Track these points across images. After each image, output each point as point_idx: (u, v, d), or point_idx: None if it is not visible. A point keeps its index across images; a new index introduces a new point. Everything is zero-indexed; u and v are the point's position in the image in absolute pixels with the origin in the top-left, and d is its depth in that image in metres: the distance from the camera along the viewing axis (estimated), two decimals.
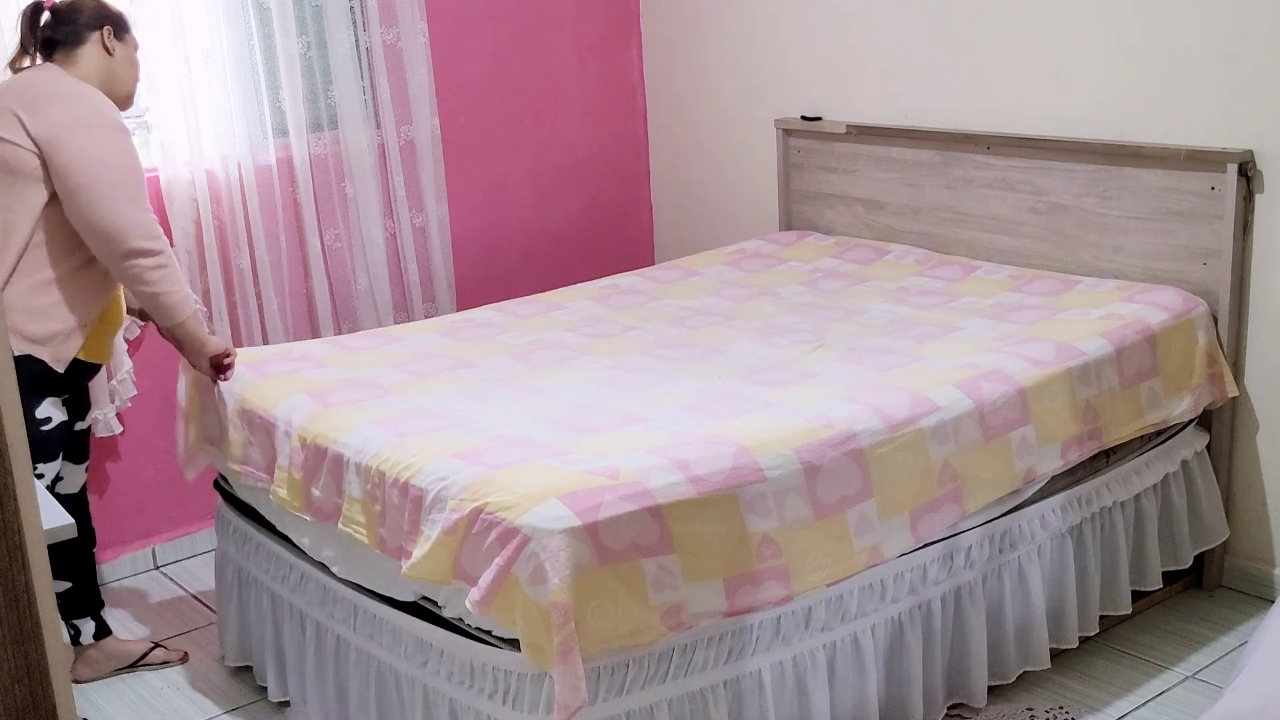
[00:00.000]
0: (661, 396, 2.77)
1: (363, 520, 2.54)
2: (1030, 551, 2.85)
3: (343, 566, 2.68)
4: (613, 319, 3.41)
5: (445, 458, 2.43)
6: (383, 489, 2.48)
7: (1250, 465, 3.30)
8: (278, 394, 2.88)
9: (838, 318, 3.30)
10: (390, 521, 2.46)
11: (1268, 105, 3.09)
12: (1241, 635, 3.13)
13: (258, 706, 3.07)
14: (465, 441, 2.51)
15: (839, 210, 4.11)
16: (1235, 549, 3.35)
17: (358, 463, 2.55)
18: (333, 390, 2.87)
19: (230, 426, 2.94)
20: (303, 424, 2.74)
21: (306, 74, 3.86)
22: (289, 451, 2.75)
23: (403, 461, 2.46)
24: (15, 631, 1.14)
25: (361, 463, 2.54)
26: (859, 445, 2.53)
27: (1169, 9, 3.22)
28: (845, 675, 2.58)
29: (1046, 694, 2.92)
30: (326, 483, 2.64)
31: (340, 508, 2.60)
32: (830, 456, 2.49)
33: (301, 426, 2.73)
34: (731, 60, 4.40)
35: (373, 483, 2.50)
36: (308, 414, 2.76)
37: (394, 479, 2.44)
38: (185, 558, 3.87)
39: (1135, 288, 3.26)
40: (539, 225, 4.54)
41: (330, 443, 2.64)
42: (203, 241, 3.70)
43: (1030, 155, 3.56)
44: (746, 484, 2.38)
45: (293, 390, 2.89)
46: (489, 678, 2.33)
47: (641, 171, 4.80)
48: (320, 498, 2.66)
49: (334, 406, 2.77)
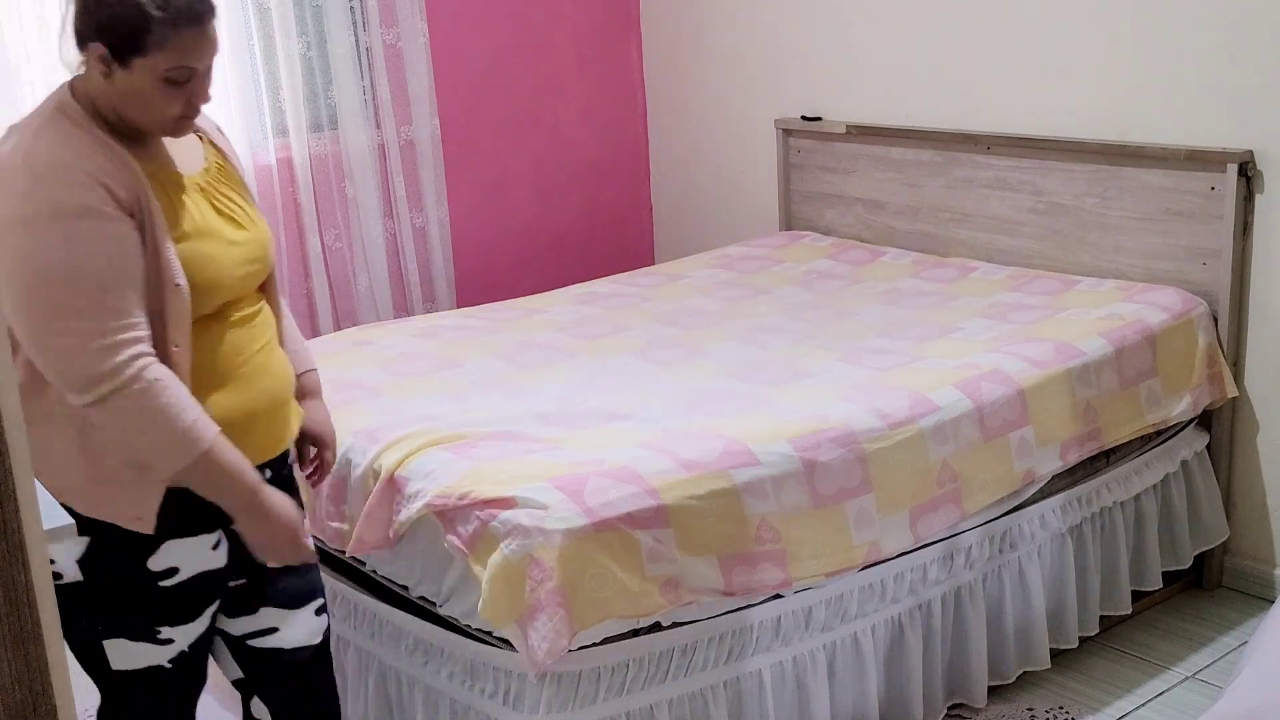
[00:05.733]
0: (652, 395, 2.77)
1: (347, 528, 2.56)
2: (1030, 552, 2.85)
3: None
4: (605, 320, 3.40)
5: (434, 450, 2.45)
6: (369, 491, 2.49)
7: (1250, 465, 3.30)
8: None
9: (833, 318, 3.30)
10: (374, 516, 2.46)
11: (1268, 105, 3.09)
12: (1241, 635, 3.12)
13: None
14: (453, 437, 2.52)
15: (839, 210, 4.11)
16: (1235, 549, 3.35)
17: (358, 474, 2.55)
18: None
19: None
20: None
21: (306, 74, 3.86)
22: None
23: (391, 458, 2.47)
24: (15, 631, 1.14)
25: (360, 471, 2.54)
26: (857, 441, 2.54)
27: (1169, 9, 3.22)
28: (845, 675, 2.58)
29: (1046, 694, 2.91)
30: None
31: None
32: (827, 450, 2.50)
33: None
34: (731, 60, 4.40)
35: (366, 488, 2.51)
36: None
37: (383, 474, 2.46)
38: None
39: (1135, 288, 3.26)
40: (539, 225, 4.54)
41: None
42: None
43: (1030, 155, 3.56)
44: (740, 466, 2.39)
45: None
46: (489, 678, 2.33)
47: (641, 171, 4.80)
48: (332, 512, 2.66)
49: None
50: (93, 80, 1.82)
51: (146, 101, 1.82)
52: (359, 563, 2.67)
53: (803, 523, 2.45)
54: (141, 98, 1.82)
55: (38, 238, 1.75)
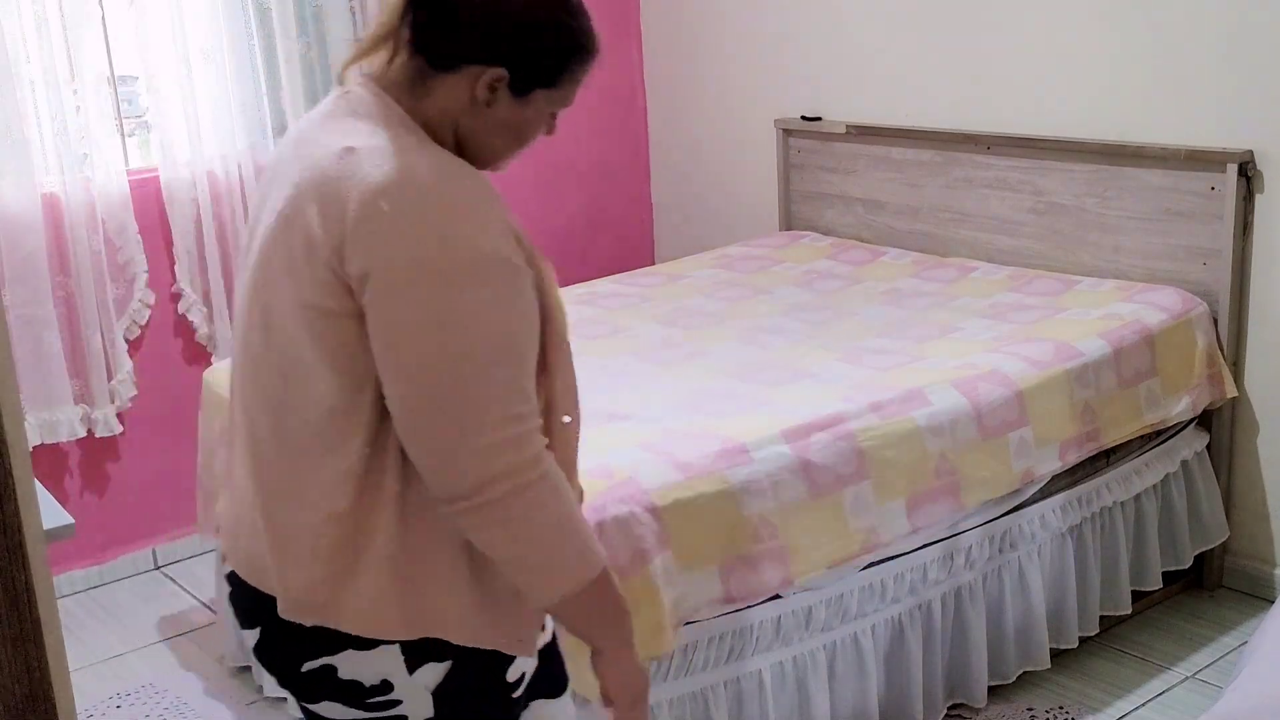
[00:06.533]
0: (652, 395, 2.77)
1: None
2: (1030, 551, 2.85)
3: None
4: (604, 320, 3.40)
5: None
6: None
7: (1250, 465, 3.30)
8: None
9: (833, 318, 3.30)
10: None
11: (1268, 105, 3.09)
12: (1241, 635, 3.12)
13: (258, 707, 3.06)
14: None
15: (839, 210, 4.11)
16: (1235, 549, 3.35)
17: None
18: None
19: None
20: None
21: (306, 74, 3.86)
22: None
23: None
24: (15, 631, 1.14)
25: None
26: (850, 429, 2.55)
27: (1169, 9, 3.22)
28: (845, 675, 2.58)
29: (1046, 694, 2.91)
30: None
31: None
32: (820, 440, 2.50)
33: None
34: (731, 60, 4.40)
35: None
36: None
37: None
38: (186, 558, 3.86)
39: (1135, 288, 3.26)
40: (539, 225, 4.54)
41: None
42: (203, 241, 3.70)
43: (1030, 155, 3.56)
44: (736, 466, 2.40)
45: None
46: None
47: (641, 171, 4.80)
48: None
49: None
50: (444, 101, 1.52)
51: (520, 135, 1.58)
52: None
53: (800, 515, 2.45)
54: (517, 131, 1.58)
55: (459, 293, 1.40)
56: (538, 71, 1.53)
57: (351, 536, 1.48)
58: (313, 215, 1.44)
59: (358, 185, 1.41)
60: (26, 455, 1.16)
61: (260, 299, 1.55)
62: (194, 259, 3.70)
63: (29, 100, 3.37)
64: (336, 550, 1.48)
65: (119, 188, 3.55)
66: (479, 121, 1.54)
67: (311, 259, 1.43)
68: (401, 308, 1.39)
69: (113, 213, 3.55)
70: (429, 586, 1.49)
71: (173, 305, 3.72)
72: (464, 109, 1.53)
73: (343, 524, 1.47)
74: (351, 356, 1.44)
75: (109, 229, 3.55)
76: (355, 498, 1.47)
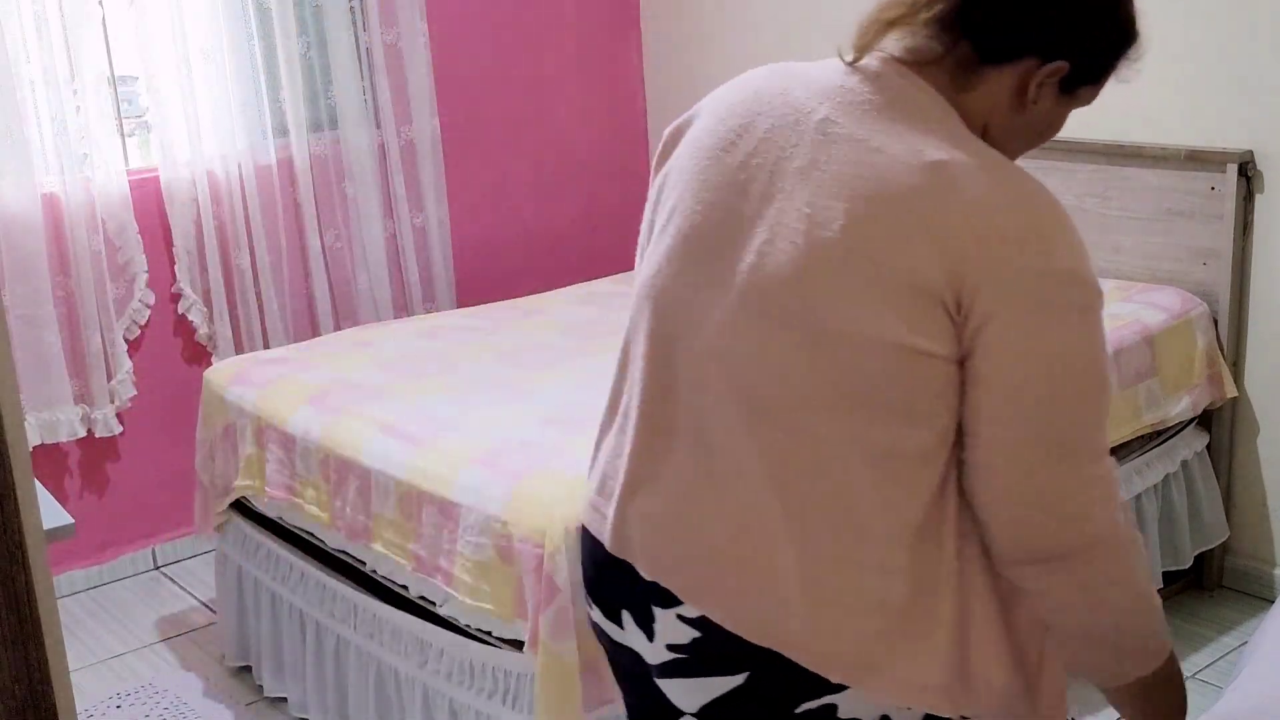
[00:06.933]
0: None
1: (397, 539, 2.52)
2: None
3: None
4: (605, 320, 3.39)
5: (469, 466, 2.42)
6: (418, 506, 2.46)
7: (1250, 465, 3.30)
8: (287, 406, 2.86)
9: None
10: (426, 539, 2.44)
11: (1268, 105, 3.09)
12: (1241, 635, 3.12)
13: (257, 707, 3.06)
14: (482, 446, 2.49)
15: None
16: (1235, 549, 3.35)
17: (384, 479, 2.53)
18: (329, 394, 2.86)
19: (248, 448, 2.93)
20: (319, 438, 2.72)
21: (306, 74, 3.86)
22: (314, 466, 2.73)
23: (429, 472, 2.45)
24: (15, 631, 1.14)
25: (387, 475, 2.53)
26: None
27: (1169, 9, 3.22)
28: None
29: None
30: (355, 500, 2.62)
31: (369, 527, 2.58)
32: None
33: (319, 441, 2.72)
34: (731, 61, 4.40)
35: (404, 499, 2.49)
36: (320, 425, 2.74)
37: (426, 494, 2.43)
38: (185, 558, 3.87)
39: (1135, 288, 3.26)
40: (539, 225, 4.54)
41: (355, 452, 2.62)
42: (203, 241, 3.70)
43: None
44: None
45: (298, 400, 2.86)
46: (489, 678, 2.33)
47: (641, 171, 4.79)
48: (350, 515, 2.65)
49: (345, 413, 2.75)
50: (989, 97, 1.36)
51: (1040, 138, 1.46)
52: (359, 562, 2.68)
53: None
54: (1041, 133, 1.45)
55: (1078, 332, 1.28)
56: (1096, 65, 1.38)
57: (912, 595, 1.31)
58: (900, 240, 1.25)
59: (973, 216, 1.25)
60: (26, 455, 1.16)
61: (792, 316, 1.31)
62: (194, 259, 3.70)
63: (29, 100, 3.37)
64: (893, 608, 1.31)
65: (119, 188, 3.55)
66: (1015, 120, 1.38)
67: (902, 290, 1.25)
68: (1026, 345, 1.25)
69: (113, 213, 3.55)
70: (974, 654, 1.34)
71: (172, 305, 3.73)
72: (1003, 106, 1.36)
73: (902, 580, 1.31)
74: (934, 398, 1.28)
75: (109, 229, 3.55)
76: (913, 553, 1.30)
